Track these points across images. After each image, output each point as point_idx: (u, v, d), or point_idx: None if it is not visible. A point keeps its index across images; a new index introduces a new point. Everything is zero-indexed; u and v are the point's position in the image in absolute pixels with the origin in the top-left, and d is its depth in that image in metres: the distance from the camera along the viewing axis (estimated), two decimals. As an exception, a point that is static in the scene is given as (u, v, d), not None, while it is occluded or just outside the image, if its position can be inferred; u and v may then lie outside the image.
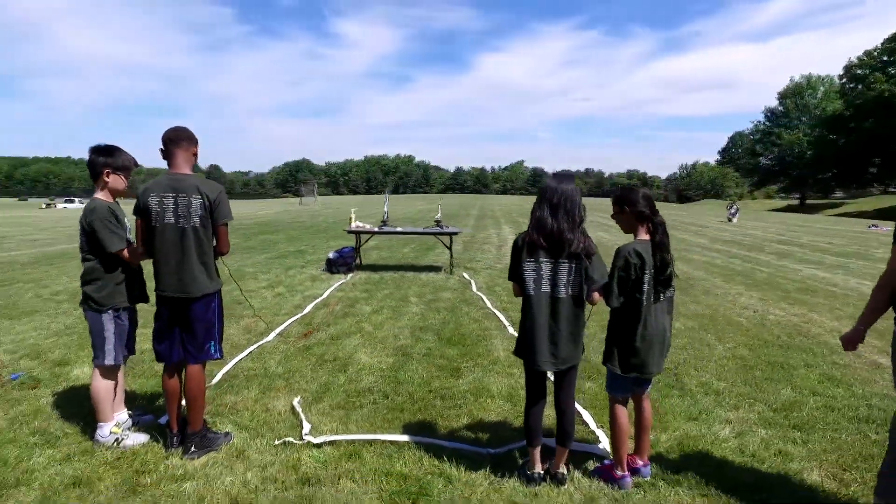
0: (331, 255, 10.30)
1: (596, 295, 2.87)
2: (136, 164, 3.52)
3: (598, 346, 4.69)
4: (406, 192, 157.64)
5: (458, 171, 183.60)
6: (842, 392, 4.41)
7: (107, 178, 3.35)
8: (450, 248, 10.35)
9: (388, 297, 7.89)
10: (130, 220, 3.37)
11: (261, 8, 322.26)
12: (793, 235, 21.42)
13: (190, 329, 3.25)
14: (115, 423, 3.43)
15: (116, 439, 3.35)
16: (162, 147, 3.21)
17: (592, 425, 3.69)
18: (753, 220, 33.84)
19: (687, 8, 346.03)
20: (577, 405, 3.99)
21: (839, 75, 58.61)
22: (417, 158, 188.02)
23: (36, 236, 17.85)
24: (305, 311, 6.94)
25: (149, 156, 3.83)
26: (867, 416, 3.93)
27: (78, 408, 3.84)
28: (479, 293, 8.17)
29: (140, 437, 3.41)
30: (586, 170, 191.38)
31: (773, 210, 58.48)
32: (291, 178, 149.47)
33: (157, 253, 3.19)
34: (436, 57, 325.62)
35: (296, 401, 3.99)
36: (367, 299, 7.69)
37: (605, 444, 3.41)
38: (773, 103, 75.00)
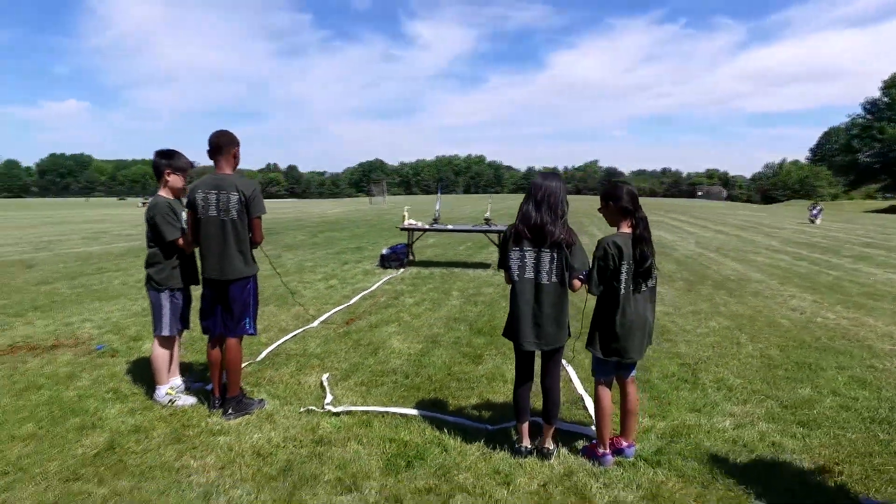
0: (384, 250, 10.83)
1: (577, 282, 3.11)
2: (192, 166, 4.10)
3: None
4: (477, 191, 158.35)
5: (530, 170, 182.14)
6: (866, 394, 4.32)
7: (168, 178, 3.93)
8: (497, 245, 10.61)
9: (431, 290, 8.28)
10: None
11: (337, 13, 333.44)
12: (882, 238, 19.92)
13: (228, 307, 3.76)
14: (170, 386, 4.01)
15: (171, 399, 3.92)
16: (208, 149, 3.74)
17: (591, 410, 3.89)
18: (842, 221, 31.62)
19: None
20: (582, 392, 4.21)
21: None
22: (489, 158, 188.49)
23: (129, 231, 19.68)
24: (352, 301, 7.45)
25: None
26: (885, 418, 3.87)
27: (145, 374, 4.47)
28: (520, 289, 8.38)
29: (190, 400, 3.97)
30: (663, 169, 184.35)
31: (873, 211, 54.08)
32: (365, 178, 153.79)
33: (202, 241, 3.72)
34: (508, 56, 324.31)
35: (324, 377, 4.45)
36: (411, 292, 8.12)
37: (597, 426, 3.62)
38: (876, 94, 68.90)
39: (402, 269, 10.17)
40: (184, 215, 3.91)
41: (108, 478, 2.94)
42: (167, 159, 3.95)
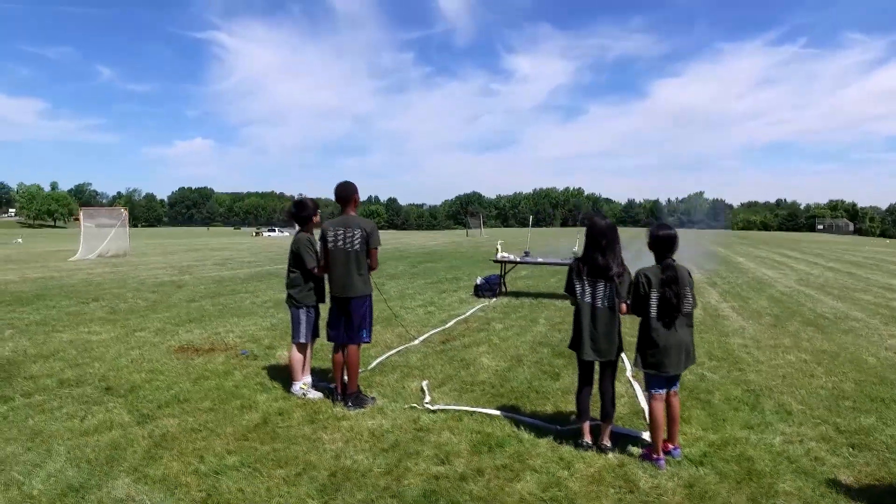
0: (478, 281, 11.71)
1: (623, 306, 3.81)
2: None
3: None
4: (575, 224, 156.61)
5: (630, 203, 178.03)
6: (935, 427, 4.49)
7: (315, 220, 5.09)
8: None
9: (520, 318, 9.02)
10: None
11: (439, 51, 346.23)
12: None
13: (350, 319, 4.77)
14: (303, 383, 5.06)
15: (303, 392, 4.97)
16: (336, 198, 4.83)
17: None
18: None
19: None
20: (644, 405, 4.78)
21: None
22: (588, 191, 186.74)
23: (250, 259, 22.15)
24: (448, 325, 8.36)
25: (330, 188, 5.32)
26: (945, 448, 4.08)
27: (280, 374, 5.60)
28: (603, 319, 8.91)
29: (317, 394, 5.00)
30: (778, 201, 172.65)
31: None
32: (462, 211, 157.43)
33: (331, 267, 4.78)
34: (609, 86, 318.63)
35: (424, 383, 5.34)
36: (501, 319, 8.90)
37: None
38: None
39: (494, 299, 10.97)
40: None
41: (268, 440, 3.99)
42: (314, 208, 5.09)
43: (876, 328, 8.67)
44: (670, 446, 3.84)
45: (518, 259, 11.51)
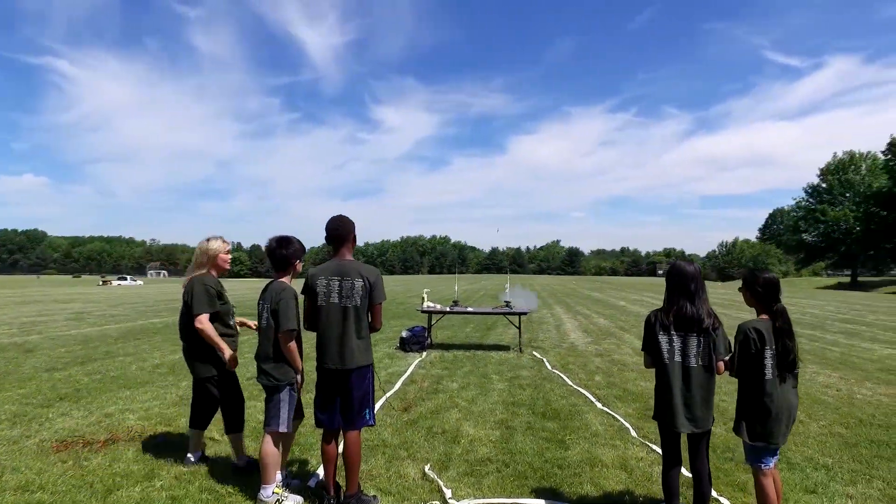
0: (404, 333, 10.71)
1: (721, 365, 3.21)
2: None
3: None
4: (442, 271, 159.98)
5: (494, 251, 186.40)
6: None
7: (298, 267, 3.90)
8: (519, 328, 10.68)
9: (469, 374, 8.18)
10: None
11: (306, 98, 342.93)
12: (855, 314, 20.96)
13: (348, 398, 3.64)
14: (277, 485, 3.78)
15: (278, 499, 3.69)
16: (329, 237, 3.76)
17: (713, 493, 3.88)
18: (803, 297, 33.10)
19: (717, 89, 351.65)
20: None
21: (883, 151, 57.65)
22: (454, 239, 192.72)
23: (112, 312, 18.92)
24: (396, 387, 7.28)
25: (197, 234, 4.32)
26: None
27: (224, 471, 4.24)
28: (555, 371, 8.40)
29: (296, 498, 3.75)
30: (622, 249, 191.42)
31: (824, 288, 56.91)
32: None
33: (322, 329, 3.65)
34: (471, 140, 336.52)
35: (427, 468, 4.30)
36: (450, 376, 7.99)
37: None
38: (814, 180, 73.97)
39: (424, 353, 10.04)
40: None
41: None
42: (301, 251, 3.92)
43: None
44: (775, 530, 3.24)
45: (447, 309, 10.73)
